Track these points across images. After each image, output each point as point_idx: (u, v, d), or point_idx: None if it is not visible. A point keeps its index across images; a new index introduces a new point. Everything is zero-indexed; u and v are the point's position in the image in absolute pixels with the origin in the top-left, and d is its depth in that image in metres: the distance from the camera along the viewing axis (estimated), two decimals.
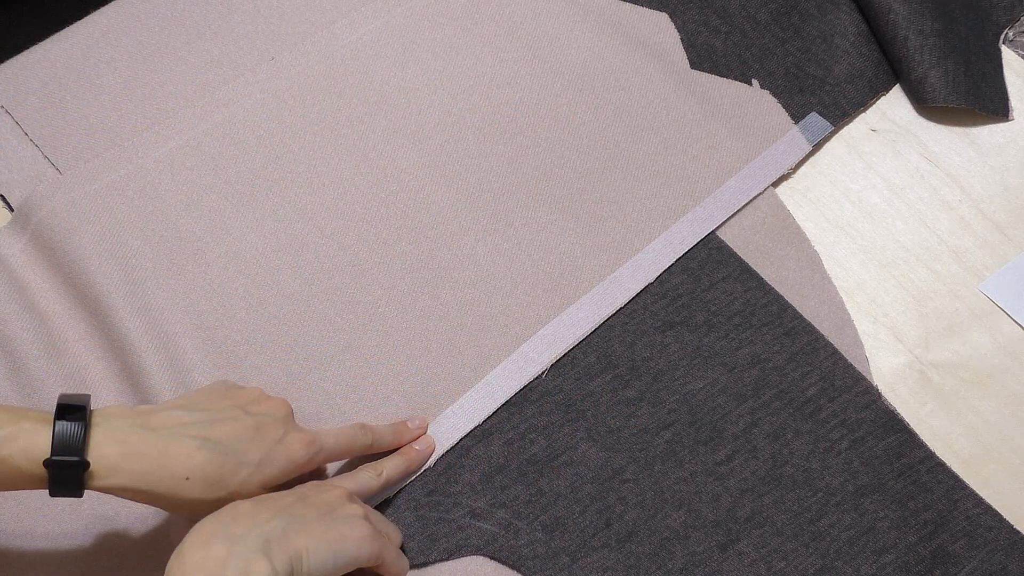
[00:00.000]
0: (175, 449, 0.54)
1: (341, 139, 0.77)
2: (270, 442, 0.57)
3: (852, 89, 0.81)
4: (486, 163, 0.77)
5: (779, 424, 0.68)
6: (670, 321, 0.72)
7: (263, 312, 0.70)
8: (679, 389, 0.69)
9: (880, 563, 0.64)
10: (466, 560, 0.63)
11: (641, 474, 0.66)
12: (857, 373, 0.70)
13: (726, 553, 0.64)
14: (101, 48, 0.81)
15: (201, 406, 0.58)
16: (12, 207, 0.74)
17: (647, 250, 0.74)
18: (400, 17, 0.83)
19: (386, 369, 0.69)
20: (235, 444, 0.56)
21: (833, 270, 0.75)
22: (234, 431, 0.56)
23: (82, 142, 0.77)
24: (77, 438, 0.52)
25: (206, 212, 0.74)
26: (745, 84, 0.82)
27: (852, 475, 0.67)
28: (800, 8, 0.86)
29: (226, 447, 0.56)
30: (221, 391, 0.60)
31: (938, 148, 0.80)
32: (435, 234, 0.74)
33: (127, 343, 0.68)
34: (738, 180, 0.77)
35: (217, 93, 0.79)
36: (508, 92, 0.80)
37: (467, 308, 0.71)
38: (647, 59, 0.82)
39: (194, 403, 0.58)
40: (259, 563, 0.50)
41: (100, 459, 0.53)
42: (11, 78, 0.79)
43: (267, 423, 0.58)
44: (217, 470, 0.55)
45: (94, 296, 0.69)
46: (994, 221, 0.77)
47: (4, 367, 0.68)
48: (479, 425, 0.68)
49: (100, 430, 0.54)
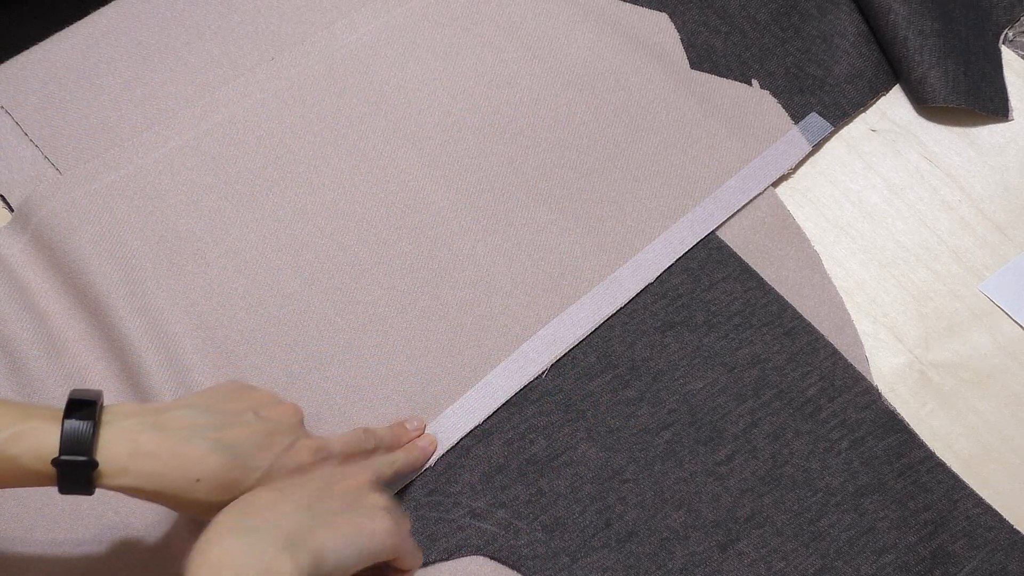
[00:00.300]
0: (187, 450, 0.54)
1: (341, 139, 0.77)
2: (280, 448, 0.57)
3: (852, 89, 0.81)
4: (486, 163, 0.77)
5: (779, 424, 0.68)
6: (670, 321, 0.72)
7: (263, 312, 0.70)
8: (679, 389, 0.69)
9: (880, 563, 0.64)
10: (466, 560, 0.63)
11: (641, 474, 0.66)
12: (857, 373, 0.70)
13: (726, 553, 0.64)
14: (101, 48, 0.81)
15: (214, 407, 0.57)
16: (12, 207, 0.74)
17: (647, 250, 0.74)
18: (400, 17, 0.83)
19: (386, 369, 0.69)
20: (247, 448, 0.55)
21: (833, 270, 0.75)
22: (246, 435, 0.56)
23: (82, 142, 0.77)
24: (86, 437, 0.52)
25: (206, 212, 0.74)
26: (745, 84, 0.82)
27: (852, 475, 0.67)
28: (800, 8, 0.86)
29: (238, 451, 0.55)
30: (233, 391, 0.59)
31: (938, 148, 0.80)
32: (435, 234, 0.74)
33: (127, 343, 0.68)
34: (738, 180, 0.77)
35: (217, 93, 0.79)
36: (508, 92, 0.80)
37: (467, 308, 0.71)
38: (647, 59, 0.82)
39: (207, 403, 0.57)
40: (282, 561, 0.50)
41: (109, 458, 0.52)
42: (11, 78, 0.79)
43: (278, 428, 0.58)
44: (228, 474, 0.54)
45: (94, 296, 0.69)
46: (994, 221, 0.77)
47: (4, 367, 0.68)
48: (479, 425, 0.68)
49: (110, 428, 0.53)
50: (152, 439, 0.53)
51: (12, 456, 0.51)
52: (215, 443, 0.54)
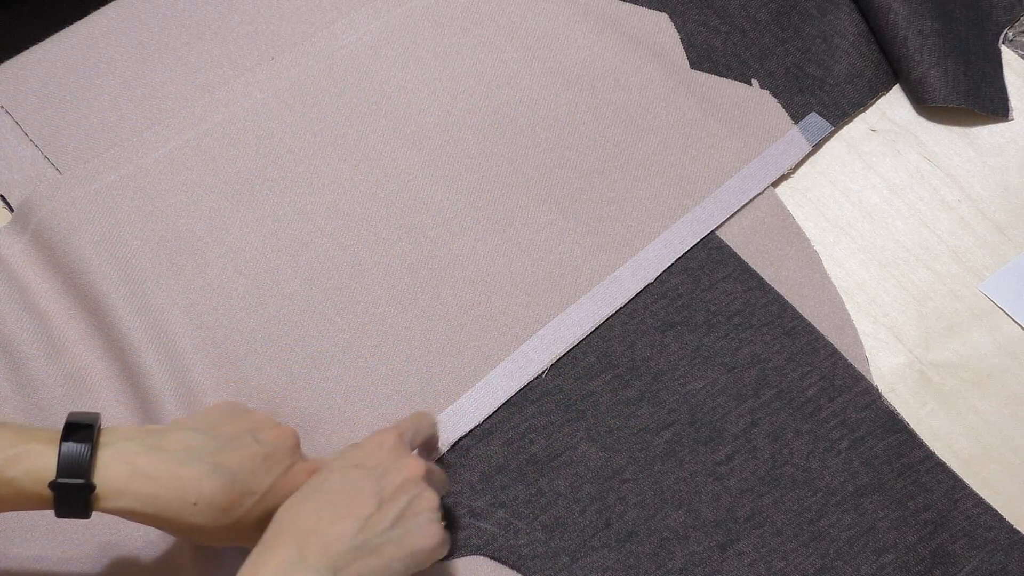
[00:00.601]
0: (185, 473, 0.53)
1: (341, 139, 0.77)
2: (277, 473, 0.56)
3: (852, 89, 0.81)
4: (486, 163, 0.77)
5: (779, 424, 0.68)
6: (670, 321, 0.72)
7: (263, 312, 0.70)
8: (679, 389, 0.69)
9: (880, 563, 0.64)
10: (466, 560, 0.63)
11: (641, 474, 0.66)
12: (857, 373, 0.70)
13: (726, 553, 0.64)
14: (101, 48, 0.81)
15: (212, 430, 0.57)
16: (12, 207, 0.74)
17: (647, 250, 0.74)
18: (400, 17, 0.83)
19: (386, 369, 0.69)
20: (244, 473, 0.55)
21: (833, 270, 0.75)
22: (244, 459, 0.55)
23: (82, 142, 0.76)
24: (84, 459, 0.52)
25: (206, 212, 0.74)
26: (745, 84, 0.82)
27: (852, 475, 0.67)
28: (800, 8, 0.86)
29: (235, 474, 0.55)
30: (230, 413, 0.59)
31: (938, 148, 0.80)
32: (435, 234, 0.74)
33: (127, 343, 0.68)
34: (738, 180, 0.77)
35: (217, 93, 0.79)
36: (508, 92, 0.80)
37: (467, 308, 0.71)
38: (647, 59, 0.82)
39: (205, 425, 0.57)
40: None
41: (107, 481, 0.52)
42: (11, 78, 0.79)
43: (276, 453, 0.57)
44: (225, 498, 0.54)
45: (94, 296, 0.69)
46: (994, 221, 0.77)
47: (4, 367, 0.68)
48: (479, 425, 0.68)
49: (108, 451, 0.53)
50: (150, 461, 0.53)
51: (9, 479, 0.51)
52: (213, 467, 0.54)
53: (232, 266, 0.72)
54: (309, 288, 0.71)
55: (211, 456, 0.54)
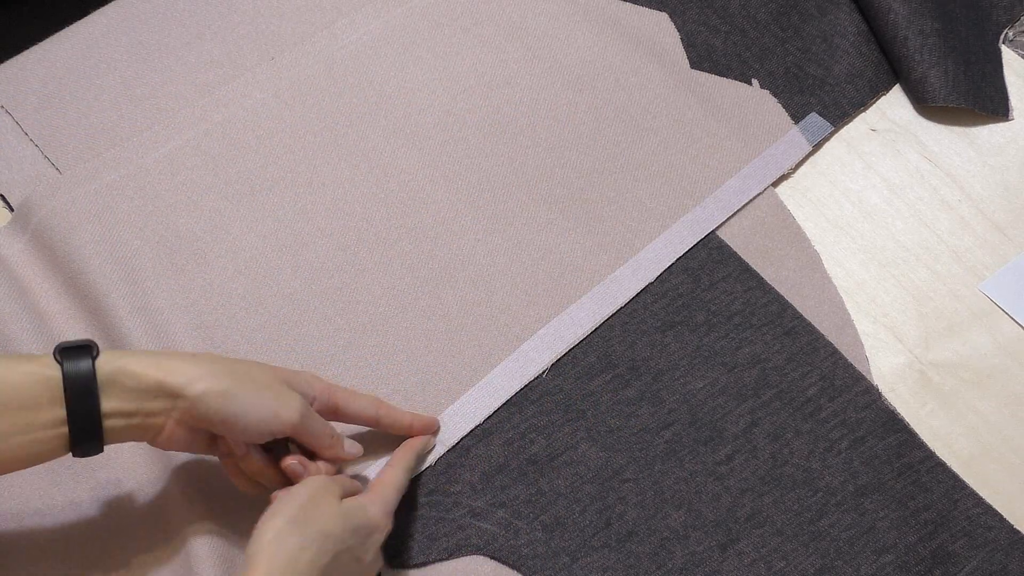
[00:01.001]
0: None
1: (341, 139, 0.77)
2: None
3: (852, 89, 0.81)
4: (486, 163, 0.77)
5: (779, 424, 0.68)
6: (670, 321, 0.72)
7: (263, 312, 0.70)
8: (679, 389, 0.69)
9: (880, 563, 0.64)
10: (466, 560, 0.63)
11: (641, 474, 0.66)
12: (857, 373, 0.70)
13: (726, 553, 0.64)
14: (101, 48, 0.81)
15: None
16: (12, 207, 0.74)
17: (647, 250, 0.74)
18: (400, 17, 0.83)
19: (386, 369, 0.69)
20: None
21: (833, 270, 0.75)
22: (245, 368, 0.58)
23: (82, 142, 0.77)
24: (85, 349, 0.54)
25: (206, 212, 0.74)
26: (745, 84, 0.82)
27: (852, 475, 0.67)
28: (800, 8, 0.86)
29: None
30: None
31: (938, 148, 0.80)
32: (435, 234, 0.74)
33: (127, 343, 0.68)
34: (738, 180, 0.77)
35: (217, 93, 0.79)
36: (508, 92, 0.80)
37: (467, 308, 0.71)
38: (647, 59, 0.82)
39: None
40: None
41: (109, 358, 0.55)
42: (11, 78, 0.79)
43: None
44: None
45: (94, 296, 0.69)
46: (994, 221, 0.77)
47: None
48: (479, 425, 0.68)
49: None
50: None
51: (14, 384, 0.52)
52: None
53: (232, 266, 0.72)
54: (309, 288, 0.71)
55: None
